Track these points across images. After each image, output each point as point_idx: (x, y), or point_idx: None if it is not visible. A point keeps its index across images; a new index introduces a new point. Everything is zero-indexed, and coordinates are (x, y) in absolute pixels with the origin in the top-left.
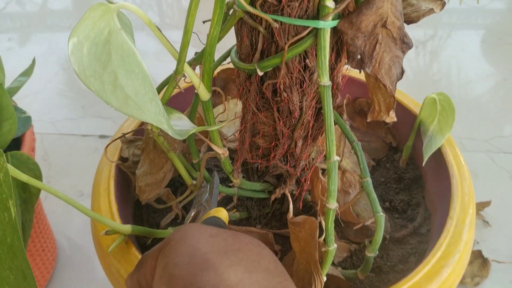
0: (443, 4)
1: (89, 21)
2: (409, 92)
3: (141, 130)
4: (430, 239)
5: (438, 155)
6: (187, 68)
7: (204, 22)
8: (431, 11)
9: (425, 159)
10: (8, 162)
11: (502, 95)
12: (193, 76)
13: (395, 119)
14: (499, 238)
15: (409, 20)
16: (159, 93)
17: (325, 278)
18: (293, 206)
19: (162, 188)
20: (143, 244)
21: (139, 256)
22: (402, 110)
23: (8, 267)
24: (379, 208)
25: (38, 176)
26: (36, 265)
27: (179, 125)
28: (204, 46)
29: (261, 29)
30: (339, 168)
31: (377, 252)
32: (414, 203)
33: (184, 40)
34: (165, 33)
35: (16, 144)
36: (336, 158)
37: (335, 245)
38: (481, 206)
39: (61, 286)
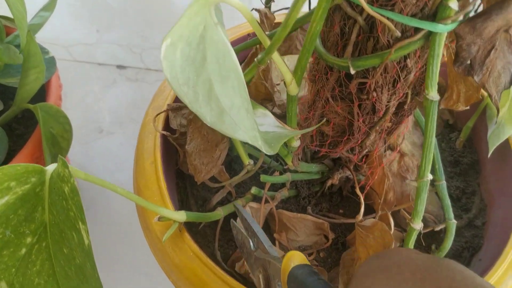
0: None
1: (184, 19)
2: None
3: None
4: (486, 234)
5: (504, 145)
6: (280, 64)
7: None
8: None
9: (491, 149)
10: (38, 115)
11: None
12: (286, 73)
13: (468, 108)
14: None
15: None
16: None
17: None
18: (344, 188)
19: (218, 167)
20: (193, 225)
21: (194, 246)
22: None
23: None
24: (452, 215)
25: (68, 130)
26: None
27: (265, 124)
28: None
29: (361, 20)
30: (398, 151)
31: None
32: (469, 191)
33: (281, 33)
34: None
35: (41, 91)
36: (430, 177)
37: None
38: None
39: None
